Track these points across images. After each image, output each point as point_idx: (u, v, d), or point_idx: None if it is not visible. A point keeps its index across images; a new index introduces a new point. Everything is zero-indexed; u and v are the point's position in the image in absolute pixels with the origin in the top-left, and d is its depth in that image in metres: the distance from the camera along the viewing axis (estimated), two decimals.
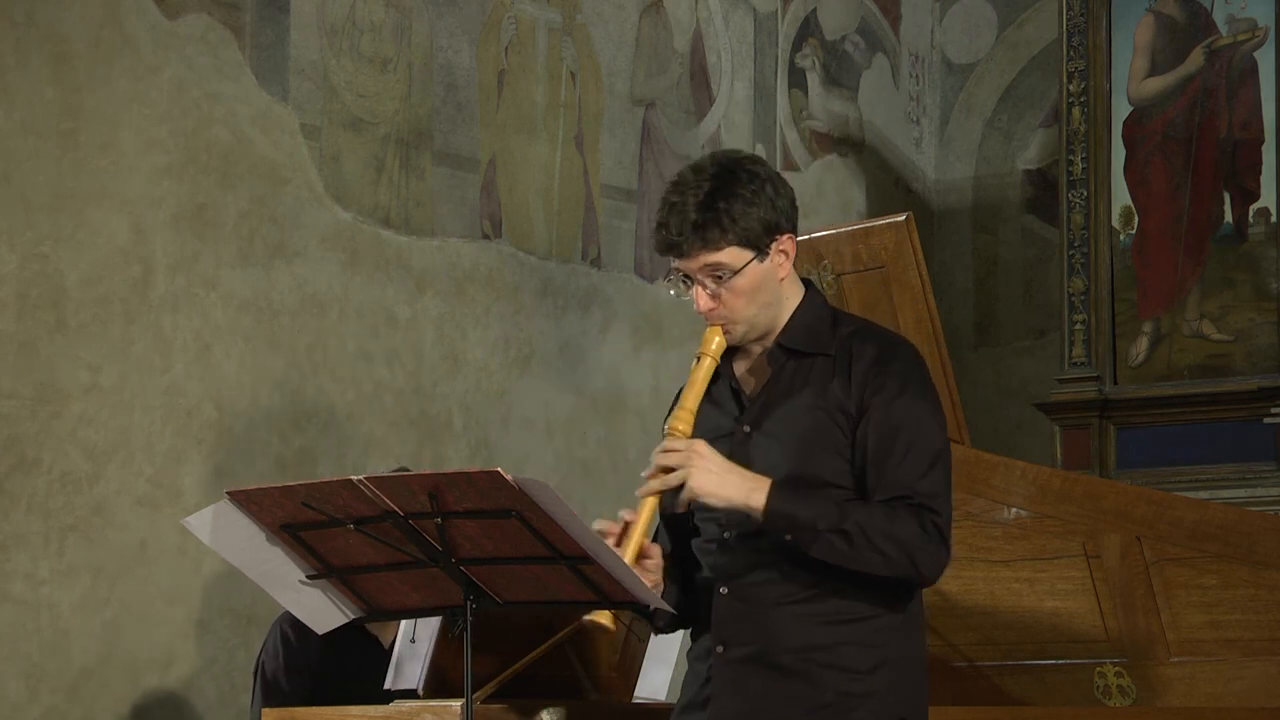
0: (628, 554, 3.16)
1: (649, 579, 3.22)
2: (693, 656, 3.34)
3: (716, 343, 3.25)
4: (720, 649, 3.25)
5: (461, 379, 6.47)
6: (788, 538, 3.14)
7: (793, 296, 3.30)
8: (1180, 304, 7.66)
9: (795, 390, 3.25)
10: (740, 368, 3.33)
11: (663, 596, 3.29)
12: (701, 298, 3.23)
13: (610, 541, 3.18)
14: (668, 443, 3.18)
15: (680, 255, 3.22)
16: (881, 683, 3.20)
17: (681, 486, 3.16)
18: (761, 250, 3.22)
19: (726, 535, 3.26)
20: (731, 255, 3.20)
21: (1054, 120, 8.25)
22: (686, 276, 3.25)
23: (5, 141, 5.18)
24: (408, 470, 4.82)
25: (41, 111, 5.27)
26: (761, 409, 3.26)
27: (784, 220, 3.24)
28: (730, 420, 3.28)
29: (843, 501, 3.17)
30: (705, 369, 3.24)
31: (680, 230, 3.20)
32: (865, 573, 3.15)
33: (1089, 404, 7.62)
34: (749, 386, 3.32)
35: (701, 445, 3.16)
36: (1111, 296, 7.72)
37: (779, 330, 3.28)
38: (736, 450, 3.24)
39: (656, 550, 3.26)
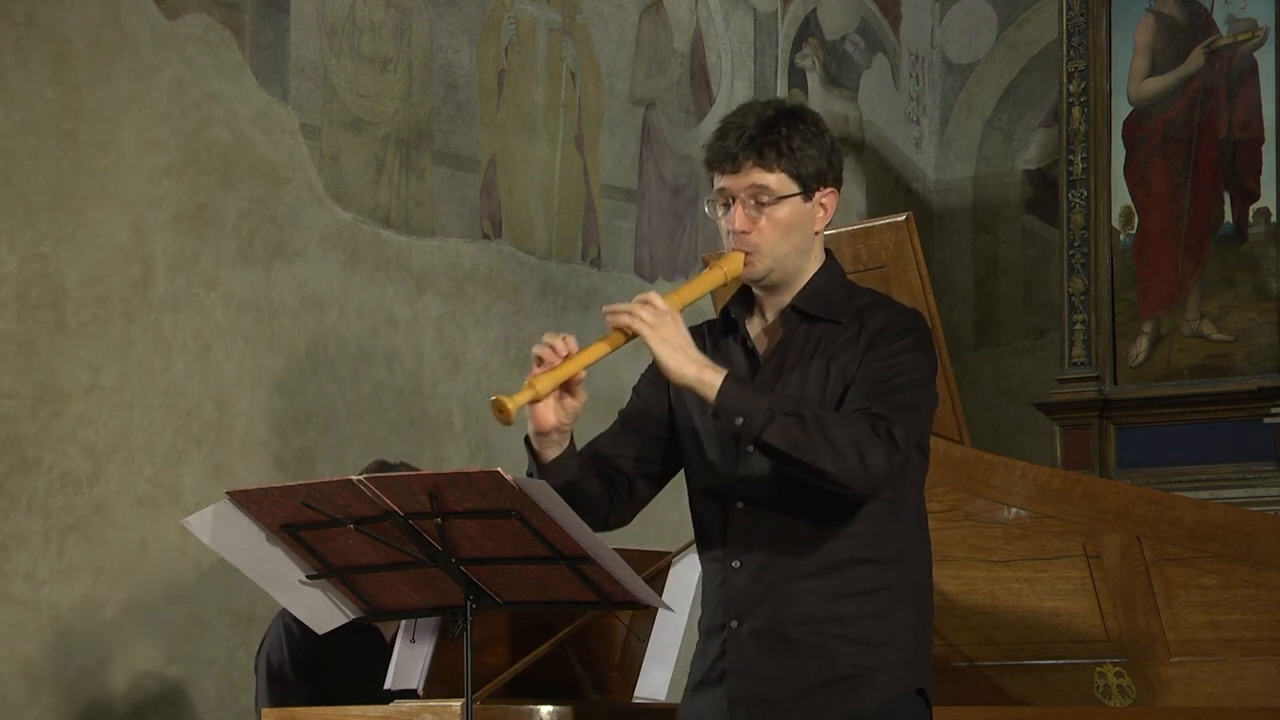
0: (557, 373, 3.10)
1: (554, 417, 3.16)
2: (703, 629, 3.33)
3: (733, 265, 3.24)
4: (734, 624, 3.24)
5: (461, 379, 6.47)
6: (738, 422, 3.10)
7: (816, 259, 3.32)
8: (1180, 304, 7.66)
9: (807, 356, 3.25)
10: (754, 327, 3.33)
11: (560, 463, 3.23)
12: (739, 216, 3.23)
13: (549, 353, 3.14)
14: (651, 295, 3.15)
15: (731, 169, 3.23)
16: (894, 655, 3.20)
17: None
18: (808, 190, 3.24)
19: (740, 505, 3.25)
20: (780, 181, 3.23)
21: (1054, 120, 8.25)
22: (727, 202, 3.25)
23: (5, 141, 5.18)
24: (386, 463, 4.84)
25: (41, 111, 5.27)
26: (773, 373, 3.25)
27: (832, 175, 3.28)
28: None
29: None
30: (713, 278, 3.23)
31: (739, 141, 3.22)
32: (812, 466, 3.08)
33: (1089, 404, 7.62)
34: (761, 347, 3.31)
35: (672, 315, 3.13)
36: (1111, 296, 7.72)
37: (795, 292, 3.29)
38: None
39: (581, 399, 3.20)
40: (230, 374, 5.71)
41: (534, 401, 3.12)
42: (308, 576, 3.41)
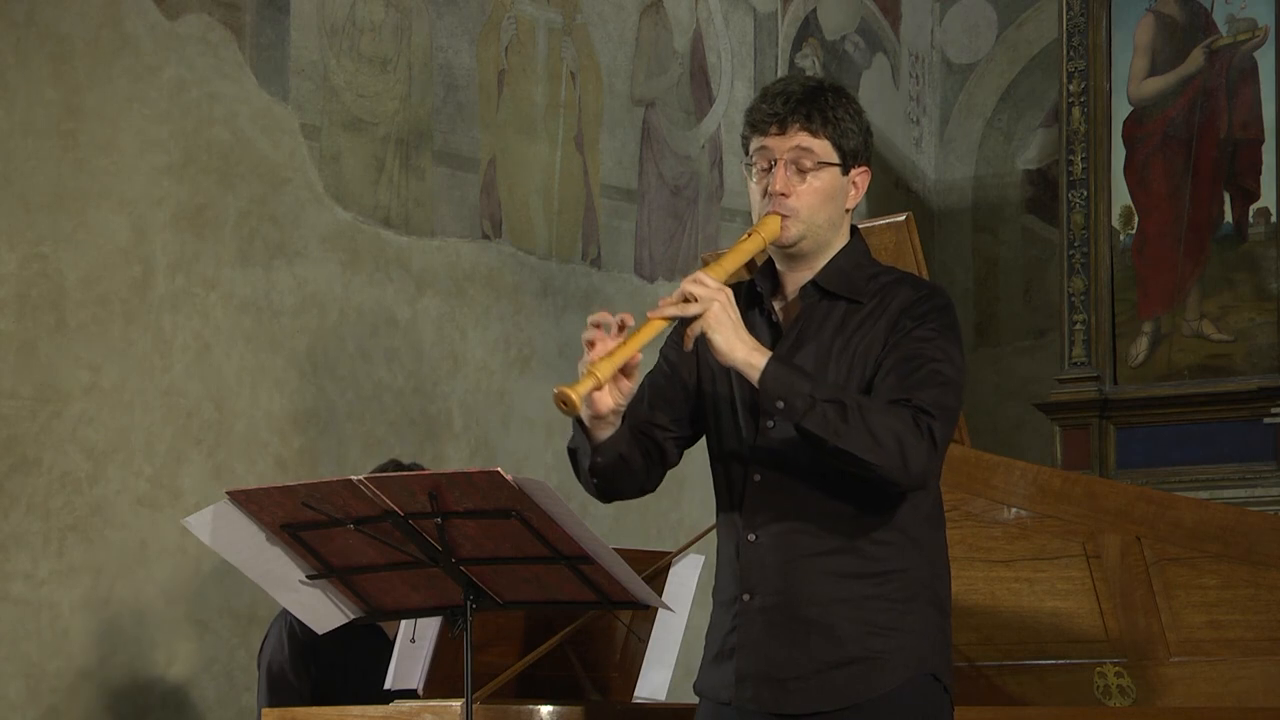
0: (615, 358, 3.06)
1: (612, 399, 3.12)
2: (718, 601, 3.32)
3: (770, 229, 3.23)
4: (746, 597, 3.23)
5: (461, 379, 6.47)
6: (779, 404, 3.11)
7: (842, 237, 3.33)
8: (1180, 304, 7.66)
9: (826, 333, 3.25)
10: (778, 302, 3.33)
11: (614, 441, 3.20)
12: (780, 177, 3.23)
13: (601, 336, 3.09)
14: (700, 274, 3.13)
15: (778, 130, 3.24)
16: (908, 640, 3.19)
17: (692, 322, 3.10)
18: (846, 165, 3.27)
19: (758, 478, 3.23)
20: (823, 148, 3.25)
21: (1054, 120, 8.25)
22: (767, 164, 3.25)
23: (5, 141, 5.18)
24: (399, 463, 4.84)
25: (41, 111, 5.27)
26: (792, 347, 3.25)
27: (866, 155, 3.31)
28: None
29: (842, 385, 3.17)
30: (753, 243, 3.22)
31: (787, 104, 3.23)
32: (852, 455, 3.08)
33: (1089, 404, 7.62)
34: (783, 321, 3.31)
35: (728, 294, 3.12)
36: (1111, 296, 7.72)
37: (818, 269, 3.29)
38: None
39: (636, 380, 3.16)
40: (230, 374, 5.71)
41: (596, 389, 3.08)
42: (308, 576, 3.41)
